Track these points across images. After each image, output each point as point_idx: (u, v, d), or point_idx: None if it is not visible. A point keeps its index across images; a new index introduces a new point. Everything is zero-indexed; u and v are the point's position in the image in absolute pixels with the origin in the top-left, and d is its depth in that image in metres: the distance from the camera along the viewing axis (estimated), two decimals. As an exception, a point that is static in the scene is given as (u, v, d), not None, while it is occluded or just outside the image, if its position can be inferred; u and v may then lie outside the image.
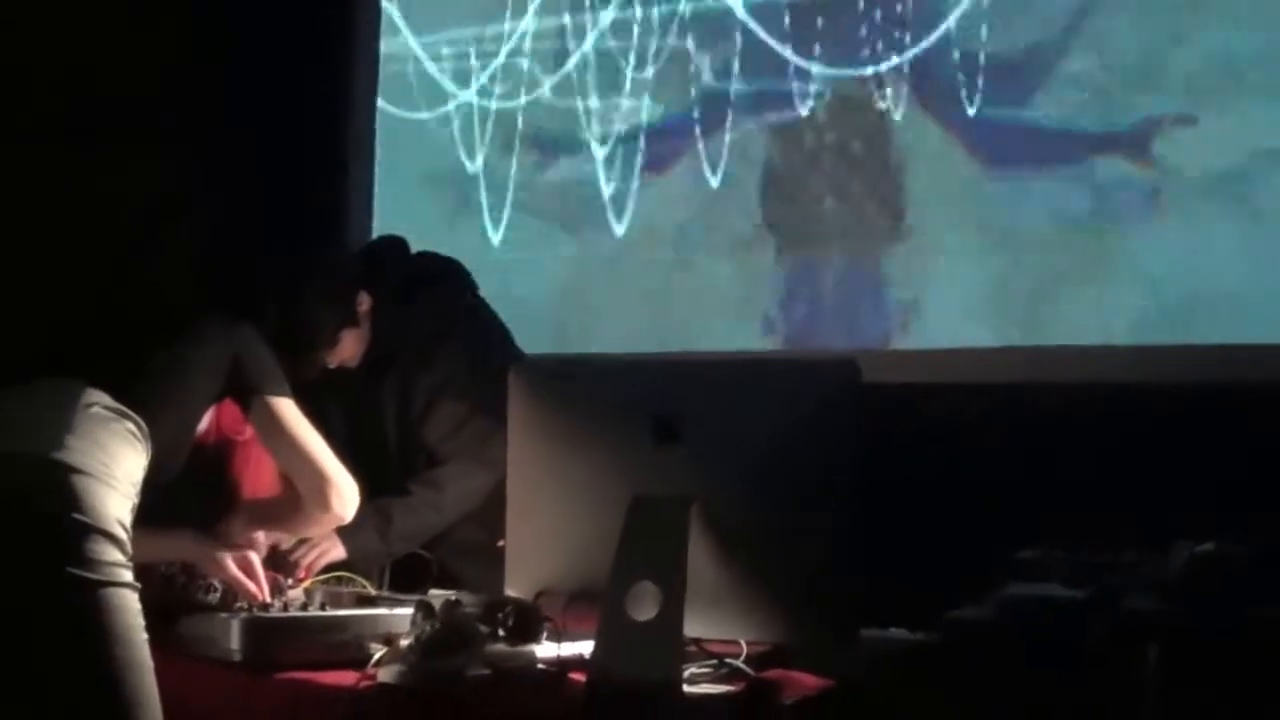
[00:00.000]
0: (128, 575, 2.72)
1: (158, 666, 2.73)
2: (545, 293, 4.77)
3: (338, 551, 3.51)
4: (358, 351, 3.68)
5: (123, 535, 2.72)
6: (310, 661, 2.74)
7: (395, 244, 3.93)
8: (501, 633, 2.65)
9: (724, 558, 2.54)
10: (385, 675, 2.60)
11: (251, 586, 2.95)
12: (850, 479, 2.50)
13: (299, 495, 3.10)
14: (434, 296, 3.78)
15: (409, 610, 2.75)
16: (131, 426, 2.85)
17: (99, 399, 2.84)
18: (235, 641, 2.75)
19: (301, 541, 3.50)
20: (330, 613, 2.85)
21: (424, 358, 3.71)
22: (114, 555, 2.70)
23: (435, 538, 3.64)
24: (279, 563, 3.39)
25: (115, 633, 2.66)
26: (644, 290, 4.52)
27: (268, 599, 2.96)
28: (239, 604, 2.94)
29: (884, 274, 4.17)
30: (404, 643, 2.63)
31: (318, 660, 2.73)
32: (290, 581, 3.15)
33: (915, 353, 4.08)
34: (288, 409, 3.07)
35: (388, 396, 3.77)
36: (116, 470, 2.78)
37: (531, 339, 3.91)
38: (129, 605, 2.70)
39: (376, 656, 2.63)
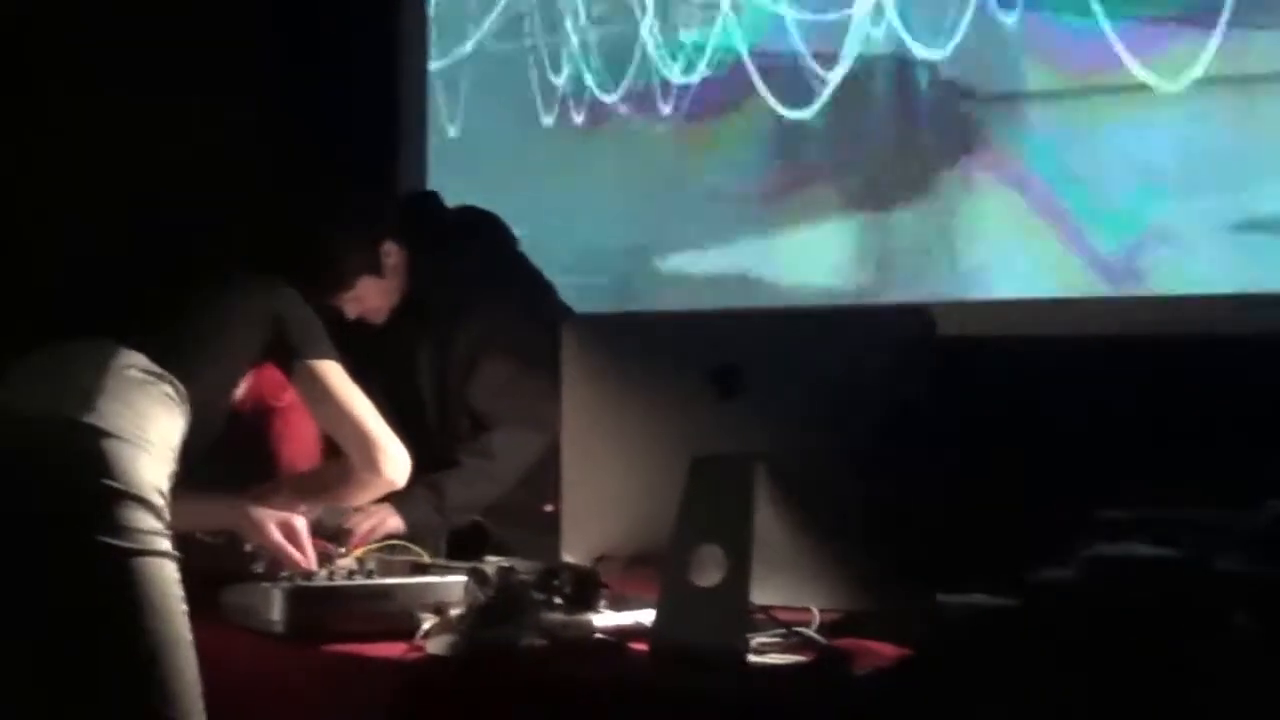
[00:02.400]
0: (165, 544, 2.60)
1: (199, 638, 2.61)
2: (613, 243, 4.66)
3: (394, 522, 3.39)
4: (384, 305, 3.55)
5: (159, 502, 2.61)
6: (357, 633, 2.60)
7: (429, 197, 3.81)
8: (558, 600, 2.52)
9: (791, 519, 2.39)
10: (434, 646, 2.47)
11: (296, 555, 2.82)
12: (924, 435, 2.35)
13: (343, 463, 2.99)
14: (472, 248, 3.64)
15: (461, 579, 2.63)
16: (168, 389, 2.73)
17: (134, 360, 2.72)
18: (277, 612, 2.61)
19: (358, 510, 3.40)
20: (377, 581, 2.71)
21: (465, 311, 3.57)
22: (149, 523, 2.58)
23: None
24: (333, 532, 3.28)
25: (151, 605, 2.54)
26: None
27: (314, 567, 2.84)
28: (284, 573, 2.81)
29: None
30: (454, 612, 2.50)
31: (364, 631, 2.59)
32: (343, 550, 3.03)
33: (987, 304, 3.91)
34: (333, 371, 2.95)
35: (424, 354, 3.64)
36: (152, 434, 2.66)
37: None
38: (166, 575, 2.59)
39: (426, 627, 2.50)
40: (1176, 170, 3.74)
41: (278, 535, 2.82)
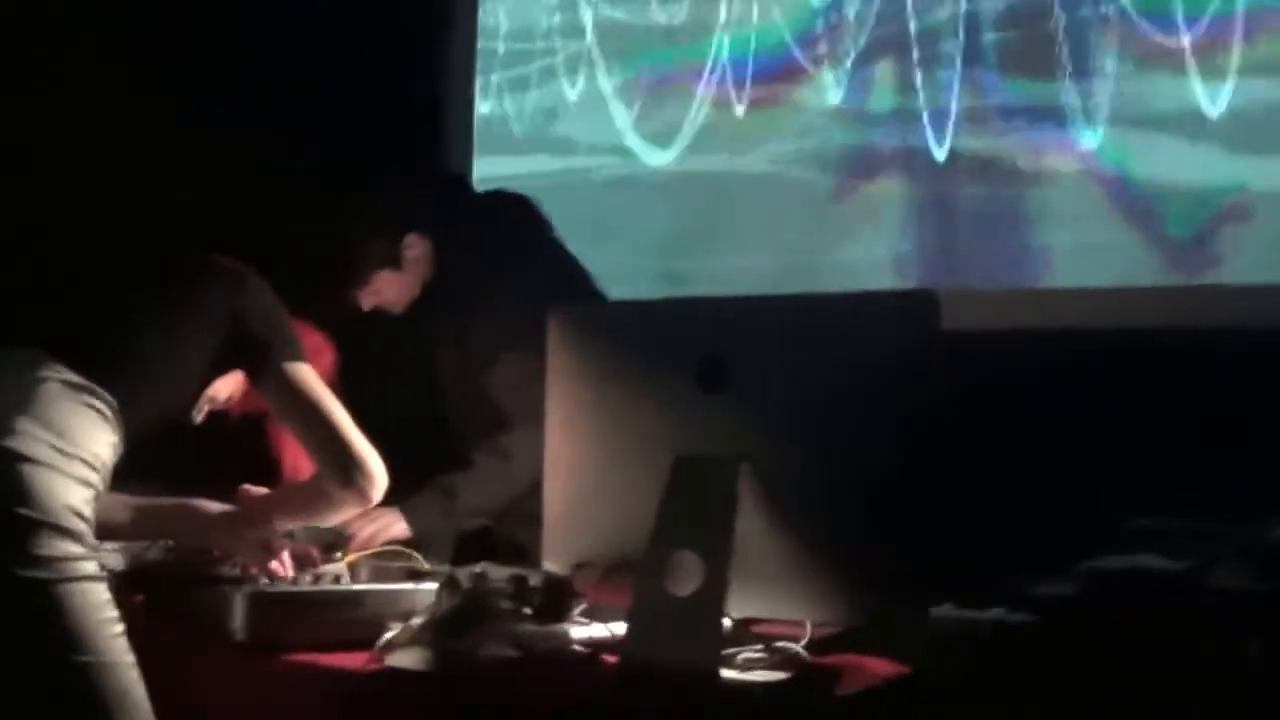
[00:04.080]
0: (88, 567, 2.42)
1: (160, 648, 2.46)
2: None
3: (399, 528, 3.25)
4: (402, 297, 3.42)
5: (78, 525, 2.43)
6: (323, 642, 2.43)
7: (457, 182, 3.66)
8: (530, 610, 2.34)
9: (780, 525, 2.19)
10: (395, 658, 2.30)
11: (271, 562, 2.67)
12: (925, 434, 2.14)
13: (311, 481, 2.77)
14: (498, 234, 3.47)
15: (433, 586, 2.45)
16: (95, 401, 2.54)
17: (55, 372, 2.53)
18: (238, 618, 2.44)
19: (362, 515, 3.25)
20: (343, 588, 2.54)
21: (487, 300, 3.40)
22: (68, 549, 2.40)
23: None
24: (331, 539, 3.13)
25: (80, 633, 2.37)
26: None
27: (289, 573, 2.68)
28: (261, 579, 2.65)
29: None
30: (415, 622, 2.33)
31: (331, 640, 2.42)
32: (339, 555, 2.87)
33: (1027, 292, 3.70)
34: (302, 374, 2.73)
35: (445, 344, 3.48)
36: (73, 451, 2.47)
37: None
38: (92, 600, 2.41)
39: (386, 637, 2.33)
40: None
41: (249, 542, 2.66)
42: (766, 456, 2.18)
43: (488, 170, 4.76)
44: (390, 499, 3.35)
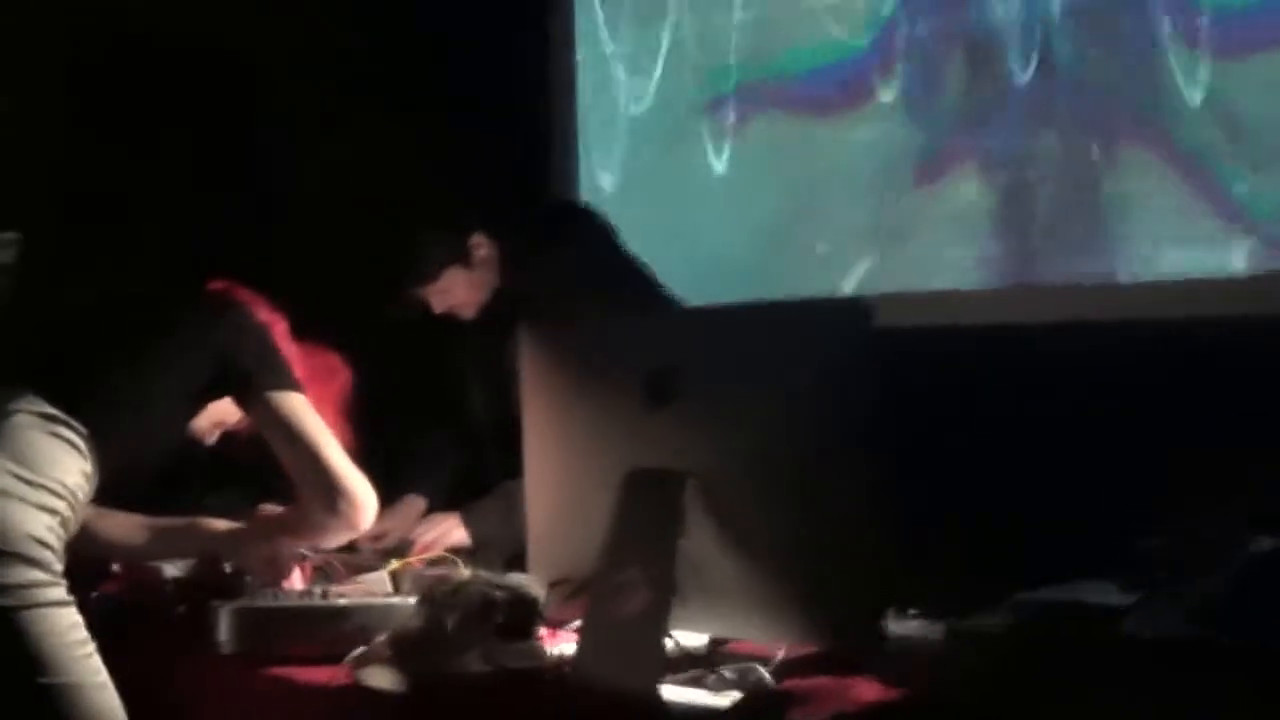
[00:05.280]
0: (53, 593, 2.44)
1: (160, 662, 2.50)
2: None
3: (459, 534, 3.24)
4: (473, 299, 3.39)
5: (39, 553, 2.45)
6: (310, 656, 2.41)
7: (527, 188, 3.63)
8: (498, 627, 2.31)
9: (734, 542, 2.12)
10: (364, 674, 2.29)
11: (280, 571, 2.68)
12: (873, 444, 2.05)
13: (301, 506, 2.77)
14: (561, 244, 3.43)
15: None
16: (64, 431, 2.56)
17: (28, 404, 2.56)
18: (224, 631, 2.46)
19: (424, 519, 3.27)
20: (330, 602, 2.53)
21: (551, 311, 3.36)
22: (29, 576, 2.42)
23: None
24: (396, 545, 3.15)
25: (44, 659, 2.39)
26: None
27: (296, 584, 2.69)
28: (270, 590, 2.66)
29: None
30: (380, 639, 2.32)
31: (315, 654, 2.40)
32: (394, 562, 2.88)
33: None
34: (291, 403, 2.72)
35: (510, 352, 3.46)
36: (37, 480, 2.50)
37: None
38: (57, 625, 2.43)
39: (353, 654, 2.32)
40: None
41: (255, 553, 2.69)
42: (717, 471, 2.12)
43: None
44: (455, 505, 3.37)
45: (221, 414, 2.82)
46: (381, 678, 2.27)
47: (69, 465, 2.56)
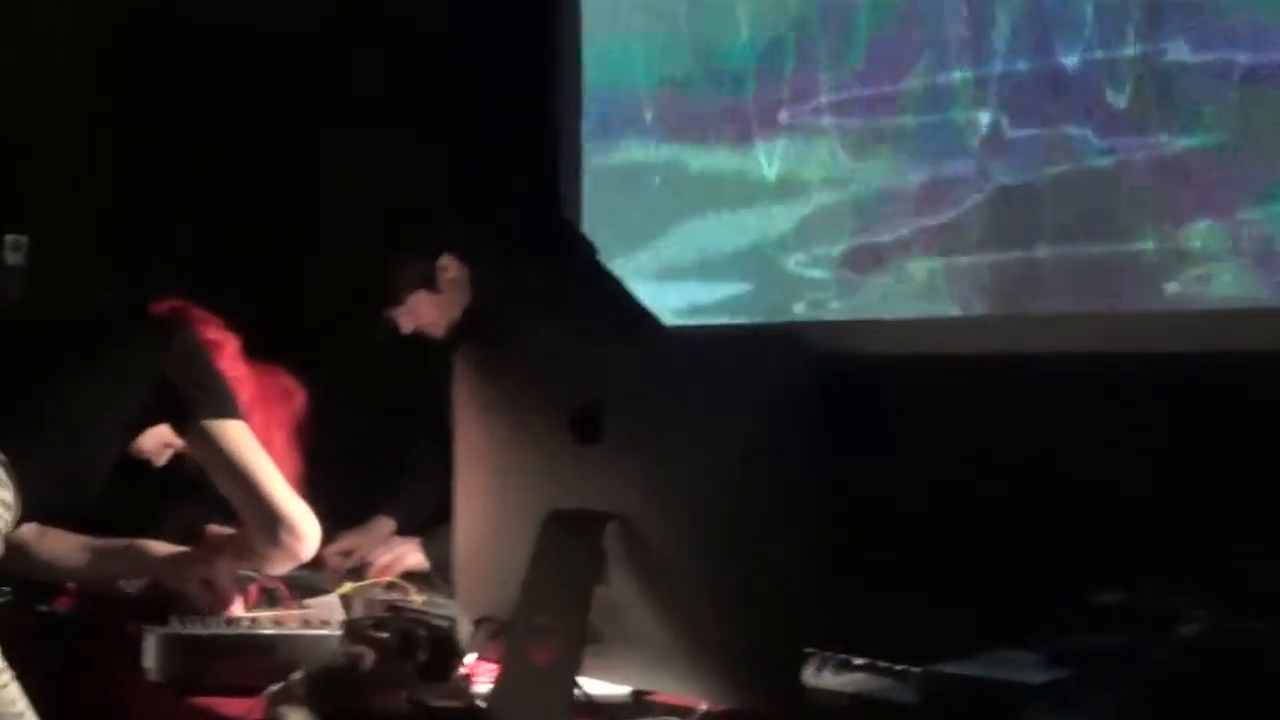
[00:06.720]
0: None
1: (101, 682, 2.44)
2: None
3: (415, 558, 3.19)
4: (441, 320, 3.33)
5: None
6: (242, 686, 2.34)
7: (500, 206, 3.56)
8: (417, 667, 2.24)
9: (655, 590, 2.04)
10: (277, 711, 2.22)
11: (220, 596, 2.63)
12: (811, 486, 1.95)
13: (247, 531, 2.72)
14: (535, 262, 3.35)
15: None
16: None
17: None
18: (151, 658, 2.41)
19: (381, 543, 3.23)
20: (258, 631, 2.46)
21: (520, 333, 3.29)
22: None
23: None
24: (356, 566, 3.11)
25: None
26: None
27: (237, 610, 2.63)
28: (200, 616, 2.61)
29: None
30: (295, 676, 2.25)
31: (243, 685, 2.33)
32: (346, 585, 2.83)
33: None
34: (230, 432, 2.67)
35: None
36: None
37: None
38: None
39: (269, 690, 2.26)
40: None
41: (196, 577, 2.63)
42: (642, 513, 2.04)
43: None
44: (414, 529, 3.31)
45: (168, 435, 2.76)
46: (296, 717, 2.21)
47: None
